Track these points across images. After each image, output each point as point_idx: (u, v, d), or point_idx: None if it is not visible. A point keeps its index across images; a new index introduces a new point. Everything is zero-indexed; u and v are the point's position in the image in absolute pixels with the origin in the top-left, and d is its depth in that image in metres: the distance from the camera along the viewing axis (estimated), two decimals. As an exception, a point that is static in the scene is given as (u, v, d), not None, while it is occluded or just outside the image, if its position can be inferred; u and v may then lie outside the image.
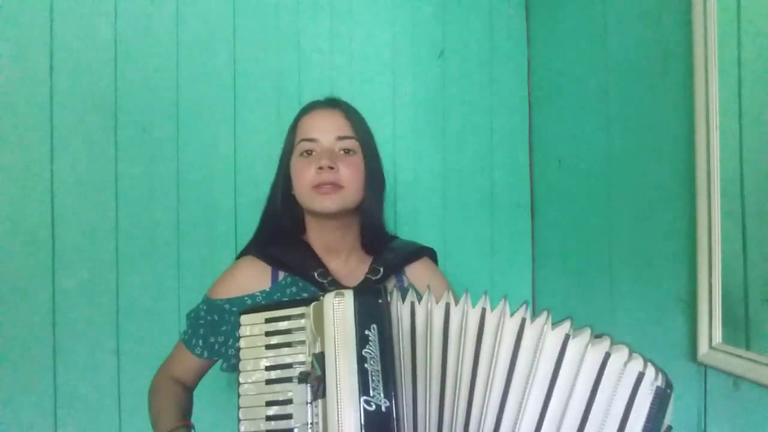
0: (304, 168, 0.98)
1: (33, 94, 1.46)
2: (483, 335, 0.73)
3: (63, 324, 1.47)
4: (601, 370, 0.69)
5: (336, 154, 0.98)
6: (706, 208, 1.03)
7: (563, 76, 1.62)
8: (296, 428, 0.75)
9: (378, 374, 0.70)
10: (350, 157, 0.99)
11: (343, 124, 1.00)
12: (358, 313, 0.73)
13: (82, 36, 1.49)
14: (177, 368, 1.07)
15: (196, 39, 1.57)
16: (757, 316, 0.96)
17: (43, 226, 1.46)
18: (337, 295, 0.75)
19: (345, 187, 0.97)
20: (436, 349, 0.74)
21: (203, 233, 1.57)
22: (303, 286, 1.01)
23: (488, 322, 0.73)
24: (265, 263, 1.03)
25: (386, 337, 0.72)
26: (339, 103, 1.04)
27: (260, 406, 0.78)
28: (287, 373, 0.78)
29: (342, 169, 0.97)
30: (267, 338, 0.81)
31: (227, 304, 1.01)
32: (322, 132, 0.99)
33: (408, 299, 0.76)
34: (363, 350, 0.71)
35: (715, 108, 1.01)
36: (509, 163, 1.80)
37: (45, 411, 1.46)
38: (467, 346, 0.73)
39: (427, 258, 1.14)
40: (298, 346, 0.79)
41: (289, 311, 0.82)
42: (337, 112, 1.02)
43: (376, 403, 0.69)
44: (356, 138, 1.00)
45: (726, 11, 1.00)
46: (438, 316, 0.75)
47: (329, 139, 0.99)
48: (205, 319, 1.03)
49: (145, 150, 1.53)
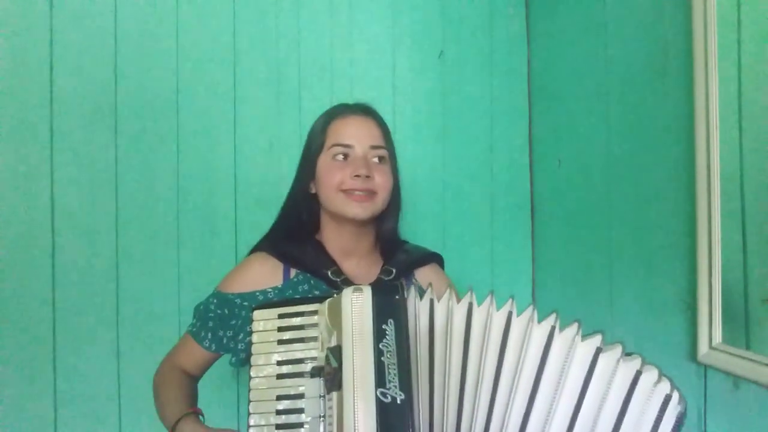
0: (336, 171, 1.00)
1: (33, 94, 1.46)
2: (508, 340, 0.73)
3: (63, 324, 1.47)
4: (632, 388, 0.70)
5: (370, 162, 1.01)
6: (706, 208, 1.03)
7: (563, 76, 1.62)
8: (307, 422, 0.77)
9: (394, 367, 0.71)
10: (382, 166, 1.02)
11: (376, 133, 1.03)
12: (375, 308, 0.74)
13: (82, 36, 1.49)
14: (183, 359, 1.08)
15: (196, 39, 1.57)
16: (757, 316, 0.96)
17: (43, 226, 1.46)
18: (355, 290, 0.76)
19: (378, 193, 1.00)
20: (456, 348, 0.75)
21: (203, 233, 1.57)
22: (315, 284, 1.03)
23: (514, 328, 0.73)
24: (278, 260, 1.05)
25: (402, 332, 0.73)
26: (371, 111, 1.07)
27: (271, 400, 0.80)
28: (299, 368, 0.80)
29: (376, 177, 1.00)
30: (279, 333, 0.83)
31: (238, 299, 1.02)
32: (358, 139, 1.01)
33: (427, 297, 0.77)
34: (380, 344, 0.72)
35: (715, 108, 1.01)
36: (509, 163, 1.80)
37: (45, 411, 1.46)
38: (490, 348, 0.74)
39: (436, 264, 1.17)
40: (311, 342, 0.81)
41: (303, 308, 0.84)
42: (371, 120, 1.04)
43: (391, 395, 0.70)
44: (387, 147, 1.04)
45: (726, 11, 1.00)
46: (459, 316, 0.76)
47: (364, 147, 1.01)
48: (215, 312, 1.04)
49: (145, 150, 1.53)
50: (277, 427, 0.79)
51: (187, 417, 0.93)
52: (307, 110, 1.62)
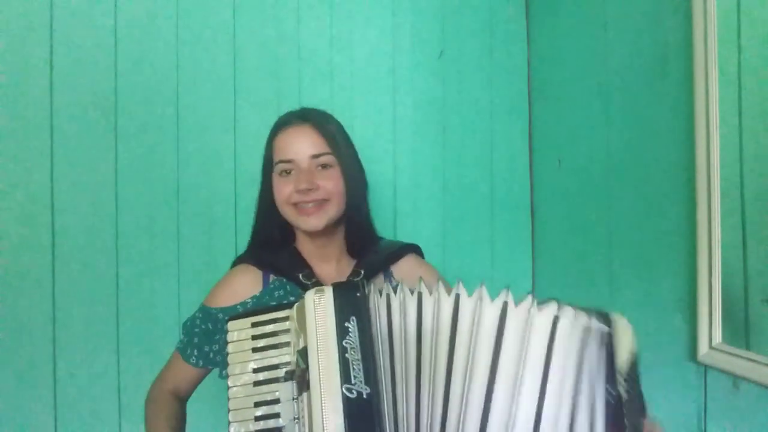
0: (283, 187, 0.99)
1: (33, 94, 1.46)
2: (458, 324, 0.74)
3: (63, 324, 1.47)
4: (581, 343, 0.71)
5: (314, 172, 0.99)
6: (706, 208, 1.03)
7: (563, 76, 1.62)
8: (285, 426, 0.78)
9: (359, 363, 0.73)
10: (328, 171, 1.00)
11: (316, 141, 1.00)
12: (337, 307, 0.76)
13: (82, 35, 1.49)
14: (173, 378, 1.08)
15: (196, 39, 1.57)
16: (757, 316, 0.96)
17: (43, 226, 1.46)
18: (317, 292, 0.78)
19: (330, 199, 0.99)
20: (411, 340, 0.76)
21: (203, 233, 1.57)
22: (290, 289, 1.03)
23: (463, 311, 0.75)
24: (257, 268, 1.06)
25: (365, 328, 0.75)
26: (309, 116, 1.03)
27: (249, 407, 0.81)
28: (274, 374, 0.81)
29: (322, 184, 0.98)
30: (254, 342, 0.85)
31: (221, 314, 1.03)
32: (297, 152, 0.99)
33: (384, 292, 0.79)
34: (343, 341, 0.74)
35: (715, 108, 1.01)
36: (509, 163, 1.80)
37: (45, 411, 1.46)
38: (441, 339, 0.75)
39: (412, 254, 1.15)
40: (284, 347, 0.82)
41: (275, 315, 0.85)
42: (308, 128, 1.00)
43: (357, 390, 0.71)
44: (331, 152, 1.00)
45: (726, 11, 1.00)
46: (412, 308, 0.77)
47: (305, 158, 0.99)
48: (200, 327, 1.05)
49: (145, 150, 1.53)
50: None
51: None
52: (307, 110, 1.61)
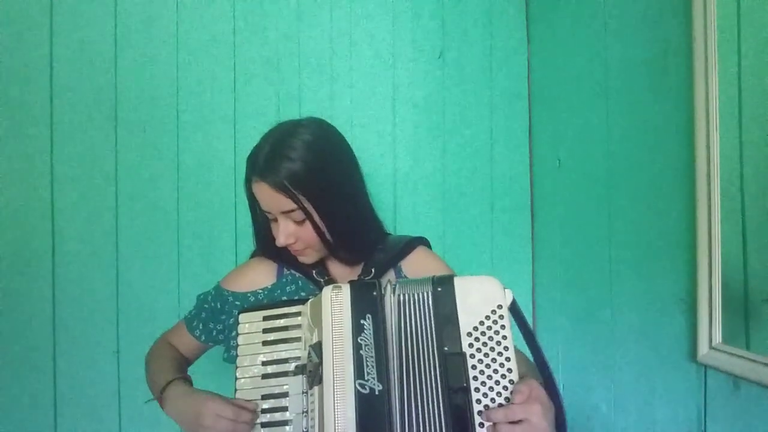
0: (271, 229, 0.98)
1: (33, 93, 1.46)
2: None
3: (63, 324, 1.47)
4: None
5: (289, 225, 0.95)
6: (706, 208, 1.03)
7: (563, 76, 1.62)
8: (291, 419, 0.79)
9: (372, 360, 0.74)
10: (301, 225, 0.95)
11: (279, 200, 0.93)
12: (354, 304, 0.78)
13: (82, 35, 1.49)
14: (176, 342, 1.10)
15: (196, 39, 1.57)
16: (757, 316, 0.96)
17: (43, 226, 1.46)
18: (335, 288, 0.80)
19: (309, 247, 0.98)
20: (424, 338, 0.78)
21: (203, 233, 1.57)
22: (302, 285, 1.04)
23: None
24: (273, 261, 1.07)
25: (380, 326, 0.76)
26: (267, 175, 0.92)
27: (256, 399, 0.82)
28: (283, 368, 0.83)
29: (299, 236, 0.96)
30: (264, 335, 0.86)
31: (231, 297, 1.04)
32: (270, 208, 0.95)
33: (398, 292, 0.80)
34: (358, 338, 0.75)
35: (715, 108, 1.01)
36: (509, 163, 1.80)
37: (45, 411, 1.46)
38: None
39: (421, 247, 1.12)
40: (295, 342, 0.84)
41: (287, 309, 0.86)
42: (266, 188, 0.92)
43: (369, 387, 0.73)
44: (297, 206, 0.93)
45: (726, 11, 1.00)
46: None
47: (278, 213, 0.95)
48: (210, 304, 1.06)
49: (145, 150, 1.53)
50: (263, 425, 0.81)
51: (175, 381, 0.93)
52: (307, 111, 1.61)
